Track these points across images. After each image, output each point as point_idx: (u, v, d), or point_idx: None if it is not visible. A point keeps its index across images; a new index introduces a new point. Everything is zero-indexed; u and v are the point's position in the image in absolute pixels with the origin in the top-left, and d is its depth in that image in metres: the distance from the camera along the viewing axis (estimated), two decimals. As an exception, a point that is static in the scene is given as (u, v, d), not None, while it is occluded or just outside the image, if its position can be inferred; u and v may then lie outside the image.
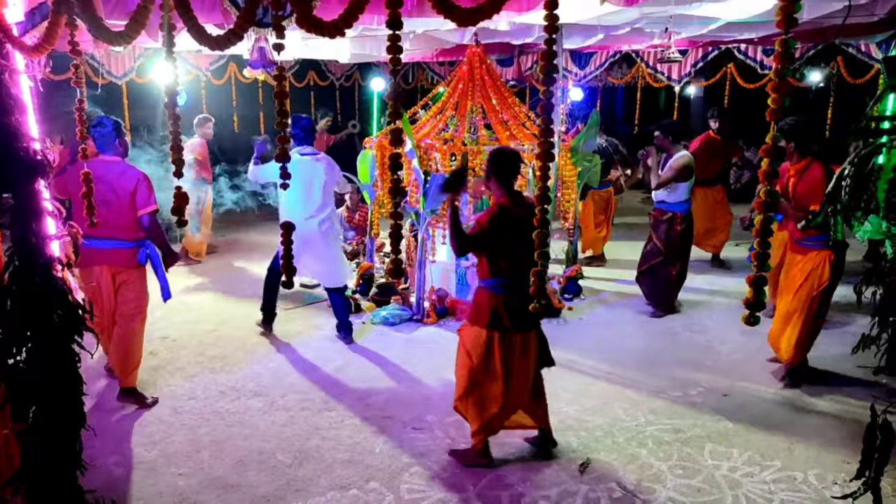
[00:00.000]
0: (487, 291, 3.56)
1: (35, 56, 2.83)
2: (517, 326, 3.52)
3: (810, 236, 4.41)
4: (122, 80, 8.15)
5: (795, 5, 1.40)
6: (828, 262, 4.37)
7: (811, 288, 4.41)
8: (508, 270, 3.50)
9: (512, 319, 3.51)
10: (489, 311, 3.52)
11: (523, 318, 3.51)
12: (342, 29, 1.95)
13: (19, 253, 2.60)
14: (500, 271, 3.52)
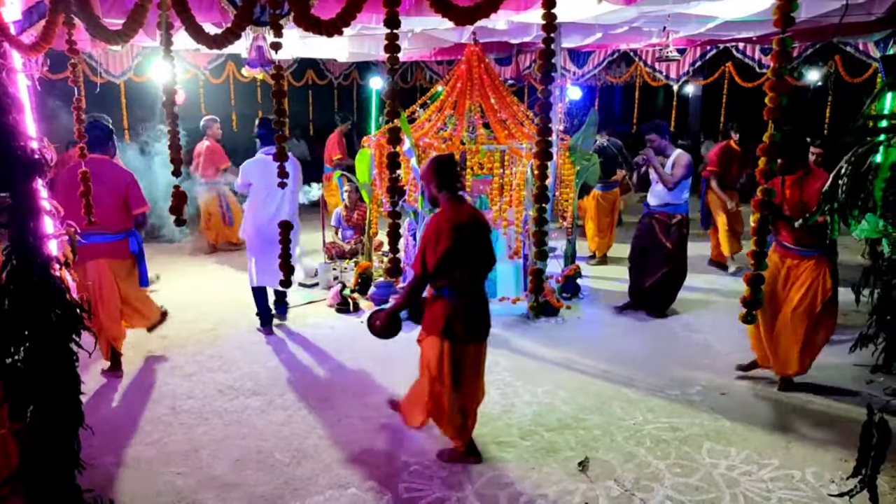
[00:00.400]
0: (442, 300, 3.49)
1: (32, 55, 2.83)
2: (471, 336, 3.50)
3: (806, 245, 4.33)
4: (119, 80, 8.15)
5: (793, 4, 1.40)
6: (827, 272, 4.31)
7: (814, 300, 4.32)
8: (462, 278, 3.45)
9: (466, 329, 3.46)
10: (443, 320, 3.45)
11: (478, 328, 3.52)
12: (340, 28, 1.96)
13: (17, 252, 2.60)
14: (454, 280, 3.45)
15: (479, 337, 3.58)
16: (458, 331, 3.45)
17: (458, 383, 3.50)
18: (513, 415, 4.19)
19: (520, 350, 5.28)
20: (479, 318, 3.57)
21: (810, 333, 4.35)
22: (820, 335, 4.40)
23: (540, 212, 1.91)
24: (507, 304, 6.24)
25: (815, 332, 4.37)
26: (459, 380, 3.50)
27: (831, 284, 4.32)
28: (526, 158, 5.99)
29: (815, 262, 4.33)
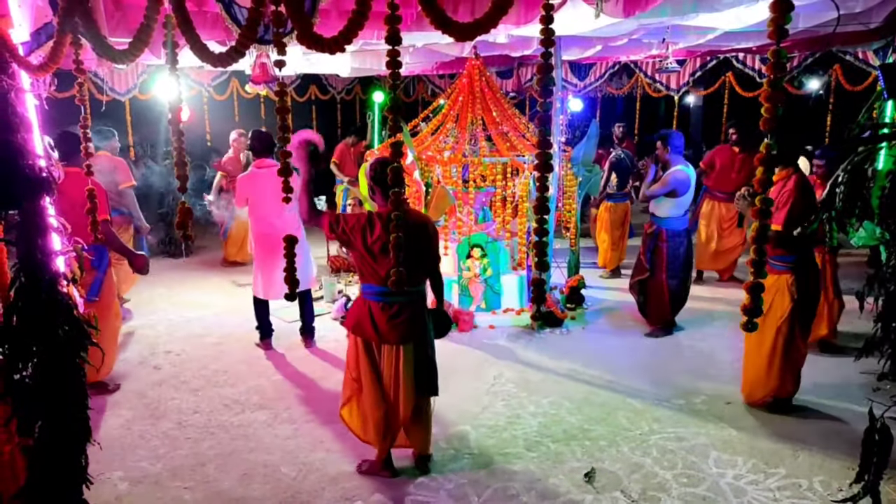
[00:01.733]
0: (360, 297, 3.55)
1: (40, 75, 2.87)
2: (382, 337, 3.45)
3: (778, 255, 4.09)
4: (125, 97, 8.24)
5: (786, 17, 1.43)
6: (786, 287, 4.07)
7: (775, 319, 4.09)
8: (375, 277, 3.43)
9: (376, 328, 3.43)
10: (355, 317, 3.51)
11: (390, 330, 3.43)
12: (342, 45, 1.98)
13: (25, 269, 2.62)
14: (366, 277, 3.48)
15: (387, 339, 3.45)
16: (367, 329, 3.45)
17: (374, 383, 3.49)
18: (518, 426, 4.19)
19: (524, 361, 5.28)
20: (394, 321, 3.44)
21: (774, 355, 4.13)
22: (791, 355, 4.14)
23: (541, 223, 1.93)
24: (511, 316, 6.25)
25: (785, 352, 4.13)
26: (374, 381, 3.49)
27: (790, 301, 4.06)
28: (528, 170, 6.03)
29: (777, 276, 4.09)
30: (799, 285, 4.07)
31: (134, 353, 5.49)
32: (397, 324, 3.44)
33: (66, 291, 2.73)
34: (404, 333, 3.45)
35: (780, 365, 4.15)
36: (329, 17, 3.90)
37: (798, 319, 4.10)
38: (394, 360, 3.48)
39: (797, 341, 4.14)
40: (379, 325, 3.44)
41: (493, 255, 6.32)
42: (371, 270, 3.43)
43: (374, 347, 3.49)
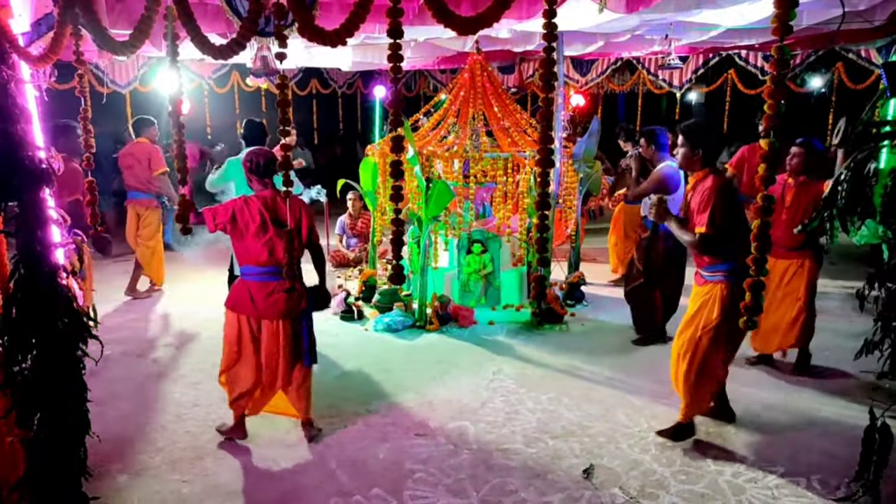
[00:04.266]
0: (241, 277, 3.86)
1: (40, 66, 2.86)
2: (261, 314, 3.77)
3: (709, 264, 3.72)
4: (125, 90, 8.23)
5: (790, 13, 1.42)
6: (718, 299, 3.67)
7: (696, 327, 3.73)
8: (250, 258, 3.75)
9: (256, 306, 3.75)
10: (235, 295, 3.83)
11: (269, 307, 3.75)
12: (344, 38, 1.98)
13: (24, 261, 2.62)
14: (243, 258, 3.79)
15: (266, 315, 3.77)
16: (247, 306, 3.77)
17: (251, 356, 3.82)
18: (517, 422, 4.19)
19: (523, 357, 5.28)
20: (272, 298, 3.76)
21: (690, 370, 3.76)
22: (706, 373, 3.76)
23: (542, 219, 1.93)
24: (511, 312, 6.25)
25: (701, 368, 3.75)
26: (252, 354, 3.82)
27: (718, 313, 3.65)
28: (529, 166, 6.02)
29: (711, 286, 3.73)
30: (732, 298, 3.61)
31: (133, 347, 5.49)
32: (275, 301, 3.76)
33: (65, 283, 2.73)
34: (283, 309, 3.77)
35: (693, 381, 3.78)
36: (331, 10, 3.89)
37: (724, 335, 3.68)
38: (274, 335, 3.79)
39: (717, 359, 3.75)
40: (258, 303, 3.76)
41: (494, 250, 6.32)
42: (246, 252, 3.75)
43: (254, 323, 3.80)
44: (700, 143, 3.72)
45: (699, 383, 3.79)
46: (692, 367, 3.75)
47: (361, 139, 14.07)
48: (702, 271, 3.79)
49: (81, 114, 3.24)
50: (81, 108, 3.21)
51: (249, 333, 3.81)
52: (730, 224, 3.60)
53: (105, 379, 4.76)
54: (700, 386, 3.80)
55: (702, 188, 3.68)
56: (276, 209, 3.74)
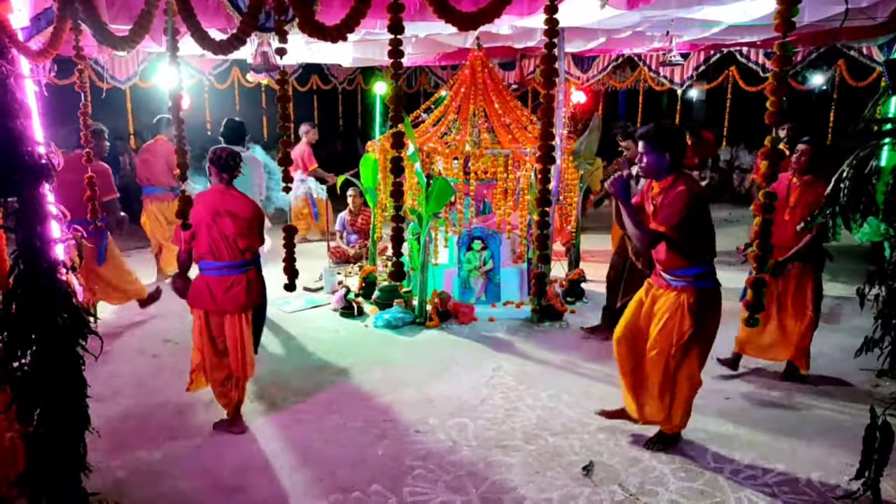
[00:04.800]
0: (199, 274, 3.99)
1: (40, 61, 2.86)
2: (220, 307, 3.90)
3: (675, 268, 3.53)
4: (125, 85, 8.20)
5: (793, 9, 1.41)
6: (686, 308, 3.49)
7: (669, 342, 3.55)
8: (206, 253, 3.90)
9: (215, 300, 3.89)
10: (195, 291, 3.95)
11: (227, 301, 3.89)
12: (344, 33, 1.97)
13: (24, 256, 2.62)
14: (199, 254, 3.94)
15: (225, 309, 3.91)
16: (205, 300, 3.91)
17: (214, 350, 3.98)
18: (517, 419, 4.19)
19: (523, 354, 5.28)
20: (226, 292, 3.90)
21: (667, 382, 3.63)
22: (681, 385, 3.65)
23: (542, 215, 1.92)
24: (511, 308, 6.25)
25: (675, 380, 3.63)
26: (214, 347, 3.98)
27: (690, 324, 3.49)
28: (530, 163, 6.01)
29: (678, 292, 3.54)
30: (700, 304, 3.50)
31: (133, 342, 5.49)
32: (234, 295, 3.90)
33: (64, 279, 2.73)
34: (243, 303, 3.93)
35: (668, 396, 3.67)
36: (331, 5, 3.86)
37: (697, 344, 3.56)
38: (235, 327, 3.93)
39: (691, 371, 3.62)
40: (217, 298, 3.89)
41: (494, 247, 6.31)
42: (200, 247, 3.90)
43: (215, 318, 3.94)
44: (665, 147, 3.45)
45: (678, 394, 3.67)
46: (667, 379, 3.62)
47: (362, 135, 14.06)
48: (665, 274, 3.60)
49: (81, 109, 3.23)
50: (81, 103, 3.20)
51: (209, 328, 3.96)
52: (698, 230, 3.47)
53: (105, 374, 4.76)
54: (678, 399, 3.69)
55: (672, 193, 3.45)
56: (228, 205, 3.89)
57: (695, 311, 3.50)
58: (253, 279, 4.02)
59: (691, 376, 3.64)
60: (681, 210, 3.40)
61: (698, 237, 3.49)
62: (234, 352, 3.95)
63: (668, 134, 3.50)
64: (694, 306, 3.50)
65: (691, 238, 3.47)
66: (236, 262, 3.93)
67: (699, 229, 3.48)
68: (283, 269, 2.62)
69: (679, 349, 3.55)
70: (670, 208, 3.44)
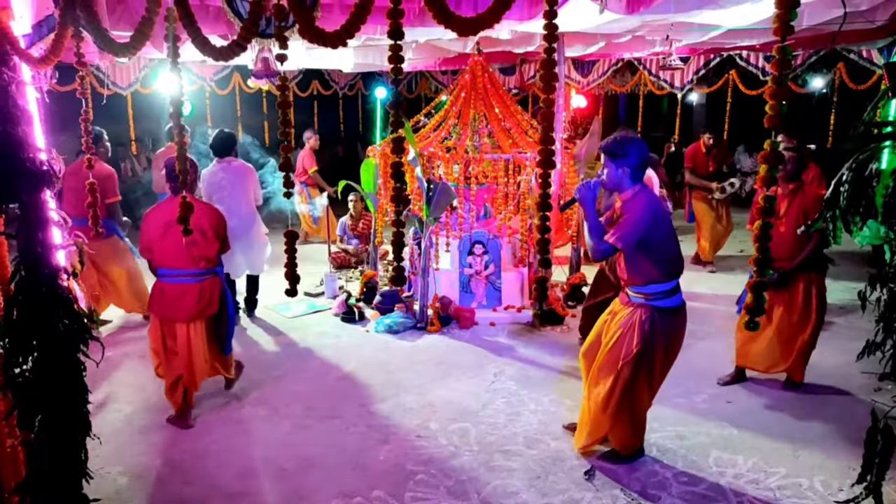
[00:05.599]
0: (157, 279, 4.11)
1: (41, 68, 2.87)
2: (173, 313, 4.03)
3: (633, 284, 3.45)
4: (126, 91, 8.23)
5: (791, 13, 1.42)
6: (637, 326, 3.40)
7: (617, 357, 3.46)
8: (163, 260, 4.01)
9: (167, 307, 4.04)
10: (152, 297, 4.11)
11: (178, 308, 4.02)
12: (344, 39, 1.97)
13: (25, 263, 2.62)
14: (157, 261, 4.05)
15: (175, 316, 4.05)
16: (162, 307, 4.06)
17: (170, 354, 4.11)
18: (518, 423, 4.19)
19: (525, 358, 5.27)
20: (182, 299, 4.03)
21: (610, 399, 3.51)
22: (627, 405, 3.52)
23: (543, 220, 1.92)
24: (512, 313, 6.24)
25: (620, 401, 3.50)
26: (171, 352, 4.10)
27: (638, 342, 3.39)
28: (530, 167, 6.01)
29: (633, 309, 3.46)
30: (652, 325, 3.40)
31: (134, 348, 5.49)
32: (184, 303, 4.03)
33: (66, 285, 2.73)
34: (192, 313, 4.03)
35: (613, 413, 3.55)
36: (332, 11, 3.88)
37: (645, 365, 3.45)
38: (186, 335, 4.06)
39: (640, 389, 3.51)
40: (169, 305, 4.04)
41: (495, 251, 6.31)
42: (160, 256, 4.03)
43: (167, 324, 4.07)
44: (625, 159, 3.37)
45: (620, 415, 3.54)
46: (612, 396, 3.50)
47: (362, 140, 14.08)
48: (628, 290, 3.52)
49: (83, 116, 3.24)
50: (83, 109, 3.21)
51: (162, 333, 4.09)
52: (654, 247, 3.35)
53: (106, 381, 4.76)
54: (621, 417, 3.56)
55: (633, 205, 3.38)
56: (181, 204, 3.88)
57: (645, 331, 3.38)
58: (206, 288, 4.08)
59: (635, 398, 3.52)
60: (633, 224, 3.32)
61: (654, 254, 3.36)
62: (183, 358, 4.08)
63: (627, 146, 3.38)
64: (645, 325, 3.38)
65: (646, 255, 3.36)
66: (189, 270, 4.02)
67: (655, 246, 3.35)
68: (285, 274, 2.62)
69: (626, 367, 3.43)
70: (624, 223, 3.36)
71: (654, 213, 3.35)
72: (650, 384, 3.53)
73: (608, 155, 3.44)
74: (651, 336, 3.39)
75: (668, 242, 3.41)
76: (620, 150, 3.39)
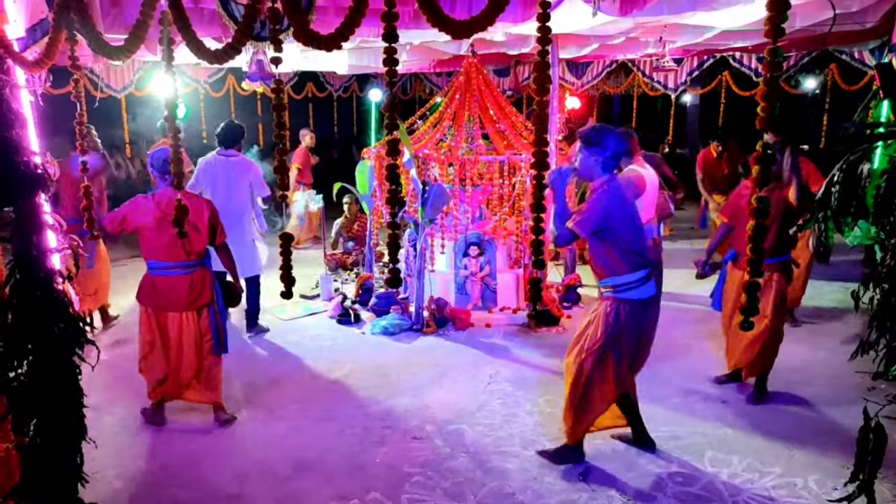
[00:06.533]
0: (147, 271, 4.13)
1: (36, 71, 2.87)
2: (163, 305, 4.04)
3: (599, 276, 3.49)
4: (121, 94, 8.21)
5: (782, 15, 1.43)
6: (601, 317, 3.41)
7: (581, 348, 3.49)
8: (154, 253, 4.03)
9: (160, 298, 4.03)
10: (142, 288, 4.10)
11: (171, 299, 4.03)
12: (338, 42, 1.98)
13: (20, 266, 2.61)
14: (147, 254, 4.07)
15: (167, 307, 4.05)
16: (152, 298, 4.05)
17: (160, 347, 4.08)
18: (514, 425, 4.19)
19: (521, 359, 5.28)
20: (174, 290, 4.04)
21: (576, 391, 3.50)
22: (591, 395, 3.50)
23: (537, 221, 1.93)
24: (508, 314, 6.25)
25: (586, 391, 3.48)
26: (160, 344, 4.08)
27: (600, 334, 3.39)
28: (525, 168, 6.03)
29: (602, 301, 3.48)
30: (616, 317, 3.38)
31: (129, 351, 5.47)
32: (177, 294, 4.03)
33: (61, 289, 2.73)
34: (185, 302, 4.04)
35: (577, 403, 3.53)
36: (327, 13, 3.89)
37: (609, 357, 3.43)
38: (179, 327, 4.06)
39: (603, 381, 3.48)
40: (161, 296, 4.03)
41: (490, 253, 6.32)
42: (149, 248, 4.03)
43: (160, 315, 4.06)
44: (596, 148, 3.38)
45: (583, 406, 3.52)
46: (577, 388, 3.50)
47: (357, 142, 14.08)
48: (599, 283, 3.54)
49: (77, 118, 3.23)
50: (77, 112, 3.21)
51: (156, 325, 4.07)
52: (615, 238, 3.34)
53: (101, 384, 4.74)
54: (584, 409, 3.53)
55: (597, 194, 3.38)
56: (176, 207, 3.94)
57: (609, 323, 3.38)
58: (197, 279, 4.12)
59: (596, 390, 3.49)
60: (591, 212, 3.33)
61: (617, 245, 3.34)
62: (174, 350, 4.11)
63: (605, 135, 3.39)
64: (609, 317, 3.38)
65: (609, 245, 3.34)
66: (181, 262, 4.06)
67: (616, 236, 3.34)
68: (280, 276, 2.62)
69: (588, 358, 3.43)
70: (584, 210, 3.37)
71: (615, 202, 3.34)
72: (617, 377, 3.48)
73: (584, 142, 3.45)
74: (615, 328, 3.38)
75: (630, 232, 3.38)
76: (596, 137, 3.40)
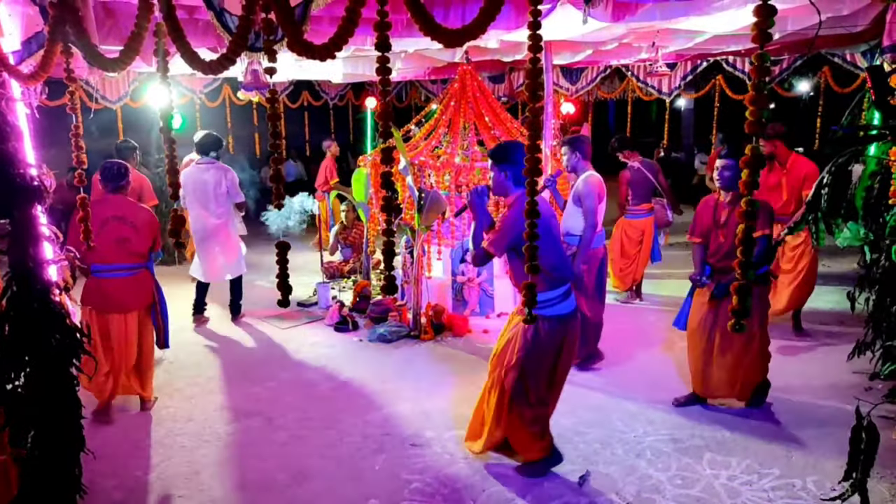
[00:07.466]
0: (92, 274, 4.30)
1: (31, 84, 2.88)
2: (107, 307, 4.26)
3: (519, 291, 3.35)
4: (116, 105, 8.22)
5: (769, 21, 1.45)
6: (520, 334, 3.38)
7: (501, 364, 3.46)
8: (96, 257, 4.13)
9: (103, 299, 4.26)
10: (86, 290, 4.29)
11: (114, 301, 4.27)
12: (332, 52, 2.00)
13: (17, 278, 2.62)
14: (90, 257, 4.13)
15: (112, 309, 4.27)
16: (93, 299, 4.27)
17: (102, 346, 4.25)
18: (513, 430, 4.19)
19: (519, 365, 5.28)
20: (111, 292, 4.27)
21: (501, 409, 3.46)
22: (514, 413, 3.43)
23: (531, 227, 1.95)
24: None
25: (510, 407, 3.43)
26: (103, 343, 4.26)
27: (518, 350, 3.36)
28: (520, 174, 6.05)
29: (519, 317, 3.42)
30: (535, 333, 3.35)
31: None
32: (120, 296, 4.27)
33: (58, 300, 2.73)
34: (126, 304, 4.29)
35: (506, 421, 3.48)
36: (321, 23, 3.92)
37: (528, 373, 3.39)
38: (120, 326, 4.29)
39: (525, 397, 3.42)
40: (106, 298, 4.25)
41: (487, 259, 6.33)
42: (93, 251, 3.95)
43: (100, 316, 4.26)
44: (504, 164, 3.37)
45: (512, 422, 3.47)
46: (502, 407, 3.45)
47: (353, 150, 14.12)
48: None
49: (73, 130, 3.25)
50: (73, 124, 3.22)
51: (97, 325, 4.24)
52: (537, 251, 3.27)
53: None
54: (514, 425, 3.48)
55: (510, 212, 3.34)
56: (118, 213, 4.27)
57: (527, 339, 3.35)
58: (140, 280, 4.37)
59: (524, 406, 3.44)
60: (503, 230, 3.28)
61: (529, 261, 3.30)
62: (118, 351, 4.30)
63: (511, 149, 3.40)
64: (528, 333, 3.35)
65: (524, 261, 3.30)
66: (124, 264, 4.29)
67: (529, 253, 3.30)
68: (277, 284, 2.63)
69: (508, 375, 3.41)
70: (497, 228, 3.33)
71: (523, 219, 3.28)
72: (538, 392, 3.45)
73: (492, 159, 3.45)
74: (534, 345, 3.35)
75: (547, 248, 3.24)
76: (502, 153, 3.41)
